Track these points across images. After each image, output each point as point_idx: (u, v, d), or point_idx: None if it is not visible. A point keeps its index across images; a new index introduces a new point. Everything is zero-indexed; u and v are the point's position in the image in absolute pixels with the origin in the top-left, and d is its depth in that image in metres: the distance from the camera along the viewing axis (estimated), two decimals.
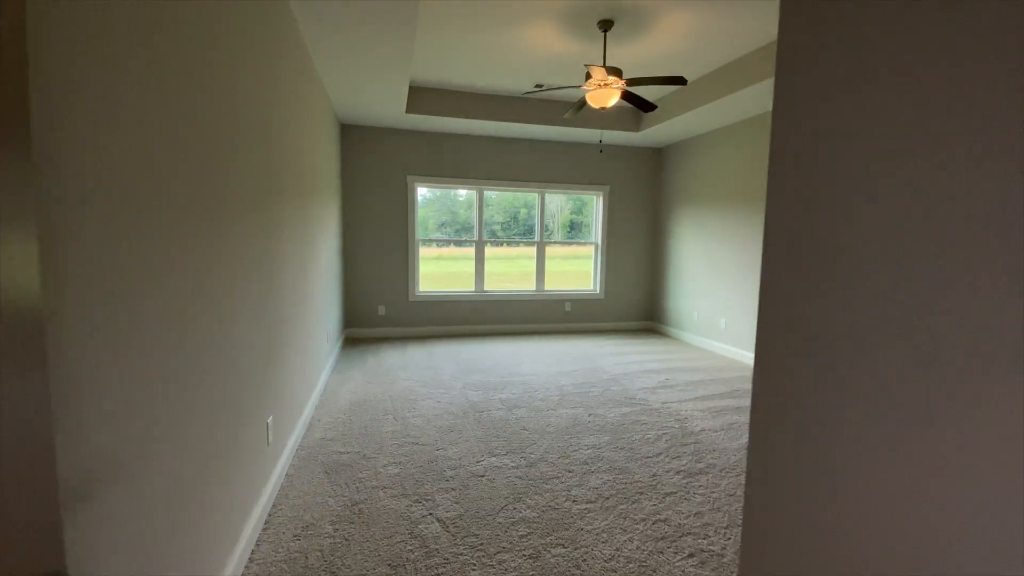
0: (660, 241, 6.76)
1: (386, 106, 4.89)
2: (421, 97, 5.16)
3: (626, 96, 3.79)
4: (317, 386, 3.78)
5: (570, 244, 6.86)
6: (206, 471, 1.57)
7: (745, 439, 3.14)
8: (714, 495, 2.46)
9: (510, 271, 6.72)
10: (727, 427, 3.35)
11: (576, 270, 6.92)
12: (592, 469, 2.70)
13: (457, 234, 6.41)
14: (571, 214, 6.84)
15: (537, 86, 4.78)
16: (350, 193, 5.81)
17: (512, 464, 2.74)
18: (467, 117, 5.29)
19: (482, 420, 3.38)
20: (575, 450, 2.94)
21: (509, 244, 6.61)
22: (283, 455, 2.59)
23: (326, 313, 4.36)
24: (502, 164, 6.25)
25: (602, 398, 3.89)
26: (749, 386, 4.35)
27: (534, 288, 6.63)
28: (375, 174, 5.87)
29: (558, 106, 5.52)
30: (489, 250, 6.47)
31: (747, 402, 3.87)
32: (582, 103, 3.92)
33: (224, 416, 1.73)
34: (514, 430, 3.22)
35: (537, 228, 6.58)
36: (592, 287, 6.87)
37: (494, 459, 2.80)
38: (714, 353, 5.54)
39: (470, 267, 6.42)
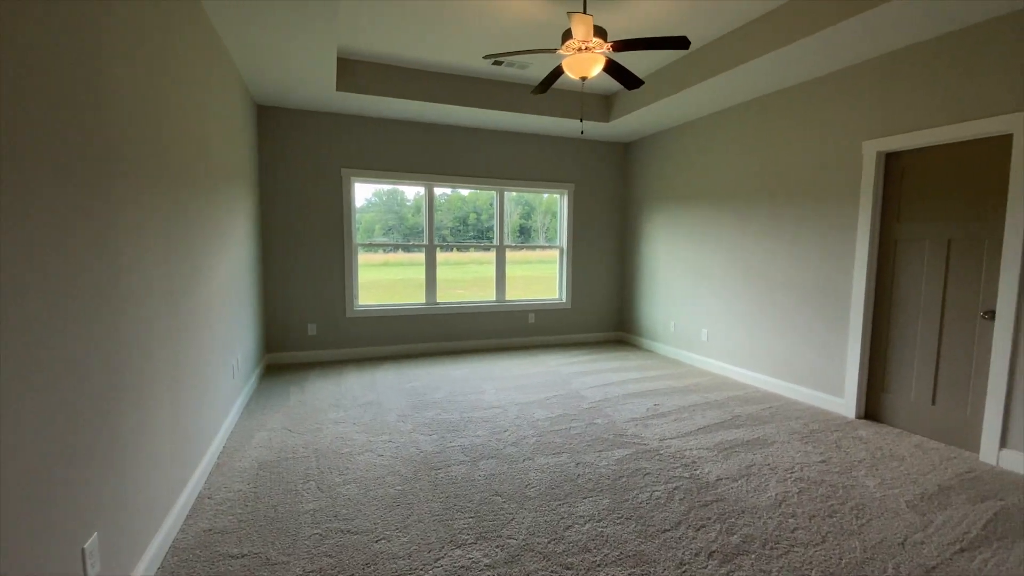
0: (631, 244, 6.17)
1: (312, 81, 3.96)
2: (356, 72, 4.26)
3: (610, 68, 3.10)
4: (215, 440, 2.82)
5: (533, 248, 6.13)
6: None
7: (773, 491, 2.49)
8: None
9: (464, 277, 5.90)
10: (746, 472, 2.69)
11: (539, 275, 6.19)
12: (597, 561, 1.94)
13: (405, 239, 5.51)
14: (520, 219, 6.06)
15: (495, 62, 4.02)
16: (271, 189, 4.80)
17: (486, 560, 1.93)
18: (413, 99, 4.44)
19: (439, 483, 2.55)
20: (568, 526, 2.17)
21: (460, 249, 5.79)
22: None
23: (233, 340, 3.38)
24: (455, 157, 5.43)
25: (587, 437, 3.16)
26: (748, 410, 3.78)
27: (494, 298, 5.85)
28: (302, 167, 4.89)
29: (521, 91, 4.79)
30: (441, 255, 5.62)
31: (754, 433, 3.26)
32: (555, 74, 3.18)
33: None
34: (483, 496, 2.41)
35: (496, 230, 5.81)
36: (558, 295, 6.17)
37: (459, 552, 1.98)
38: (698, 368, 4.96)
39: (419, 274, 5.54)
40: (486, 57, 2.87)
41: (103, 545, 1.51)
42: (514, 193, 5.90)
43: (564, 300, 6.10)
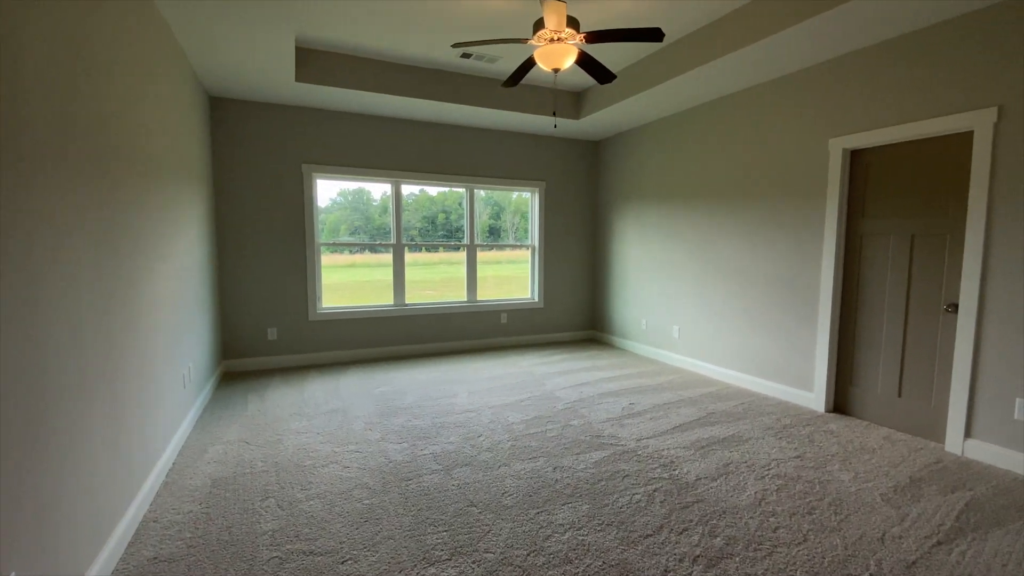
0: (603, 242, 6.14)
1: (269, 71, 3.73)
2: (317, 63, 4.05)
3: (582, 61, 3.02)
4: (163, 457, 2.59)
5: (503, 248, 6.02)
6: None
7: (752, 490, 2.46)
8: None
9: (434, 278, 5.74)
10: (724, 471, 2.66)
11: (512, 275, 6.09)
12: (580, 572, 1.84)
13: (372, 240, 5.30)
14: (489, 219, 5.94)
15: (464, 53, 3.89)
16: (227, 186, 4.52)
17: None
18: (377, 91, 4.26)
19: (411, 494, 2.41)
20: (548, 536, 2.07)
21: (429, 249, 5.63)
22: None
23: (184, 347, 3.14)
24: (423, 154, 5.26)
25: (564, 439, 3.07)
26: (722, 406, 3.77)
27: (465, 298, 5.71)
28: (260, 162, 4.63)
29: (490, 85, 4.67)
30: (411, 256, 5.44)
31: (729, 430, 3.25)
32: (526, 66, 3.08)
33: None
34: (458, 508, 2.28)
35: (467, 229, 5.67)
36: (530, 295, 6.08)
37: (432, 570, 1.85)
38: (670, 366, 4.96)
39: (387, 276, 5.34)
40: (455, 46, 2.74)
41: None
42: (483, 193, 5.77)
43: (536, 300, 6.01)
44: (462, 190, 5.60)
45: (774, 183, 3.93)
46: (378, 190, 5.28)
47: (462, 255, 5.70)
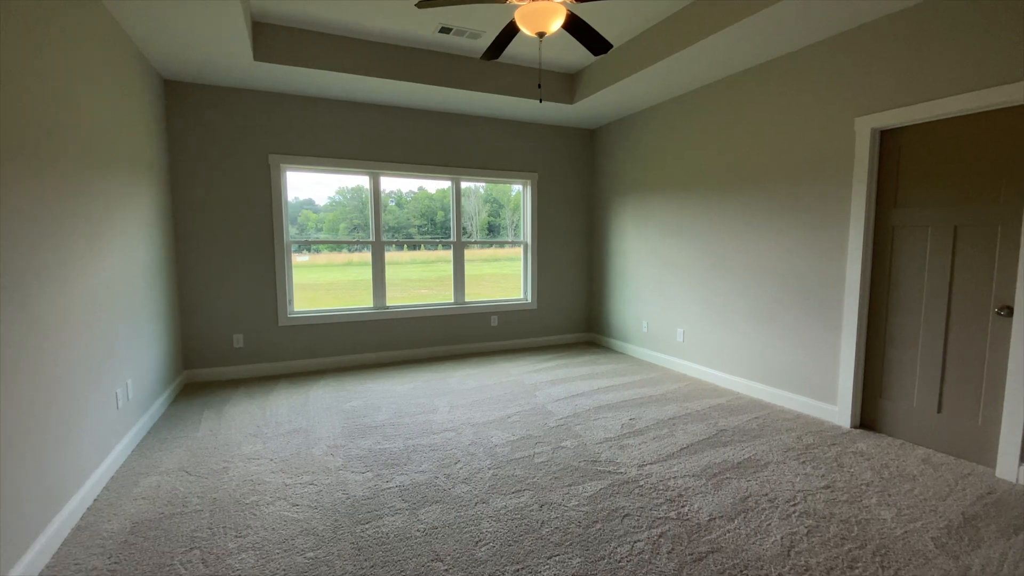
0: (600, 238, 5.71)
1: (220, 46, 3.30)
2: (278, 39, 3.62)
3: (572, 25, 2.59)
4: (77, 494, 2.17)
5: (493, 245, 5.60)
6: None
7: (778, 533, 2.05)
8: None
9: (430, 276, 5.32)
10: (742, 507, 2.25)
11: (506, 273, 5.67)
12: None
13: (368, 238, 4.90)
14: (488, 216, 5.57)
15: (443, 28, 3.47)
16: (185, 178, 4.09)
17: None
18: (346, 71, 3.83)
19: (365, 544, 1.99)
20: None
21: (411, 247, 5.20)
22: None
23: (119, 361, 2.72)
24: (404, 143, 4.84)
25: (554, 466, 2.66)
26: (734, 421, 3.36)
27: (452, 300, 5.29)
28: (223, 152, 4.20)
29: (473, 65, 4.23)
30: (408, 254, 5.03)
31: (743, 452, 2.83)
32: (508, 32, 2.65)
33: None
34: (420, 563, 1.87)
35: (453, 226, 5.24)
36: (522, 295, 5.66)
37: None
38: (673, 372, 4.54)
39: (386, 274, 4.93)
40: (420, 6, 2.31)
41: None
42: (483, 190, 5.39)
43: (529, 300, 5.59)
44: (448, 184, 5.17)
45: (791, 170, 3.50)
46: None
47: (449, 253, 5.28)
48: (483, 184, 5.42)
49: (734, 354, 4.02)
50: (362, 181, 4.82)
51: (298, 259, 4.67)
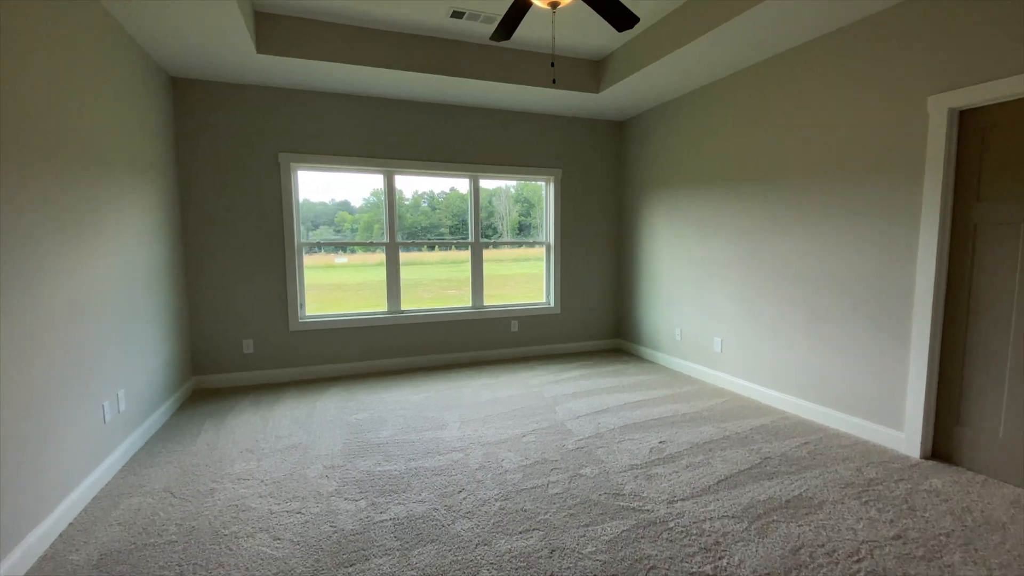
0: (629, 238, 5.33)
1: (217, 36, 3.13)
2: (283, 30, 3.43)
3: None
4: (48, 519, 2.00)
5: (523, 245, 5.29)
6: None
7: None
8: None
9: (459, 276, 5.10)
10: (794, 562, 1.87)
11: (531, 273, 5.37)
12: None
13: (404, 239, 4.77)
14: (519, 216, 5.31)
15: (454, 12, 3.20)
16: (194, 179, 3.97)
17: None
18: (355, 63, 3.61)
19: None
20: None
21: (442, 247, 4.96)
22: None
23: (111, 372, 2.57)
24: (419, 139, 4.60)
25: (570, 499, 2.34)
26: (780, 447, 2.94)
27: (470, 304, 5.02)
28: (232, 151, 4.06)
29: (491, 52, 3.95)
30: (439, 254, 4.83)
31: (793, 486, 2.44)
32: (519, 7, 2.34)
33: None
34: None
35: (471, 226, 4.98)
36: (544, 299, 5.34)
37: None
38: (710, 386, 4.13)
39: (417, 274, 4.79)
40: None
41: None
42: (513, 190, 5.14)
43: (552, 304, 5.27)
44: (466, 181, 4.91)
45: (847, 159, 3.06)
46: (409, 187, 4.77)
47: (492, 253, 5.09)
48: (514, 183, 5.15)
49: (780, 367, 3.59)
50: (377, 181, 4.61)
51: (337, 260, 4.59)
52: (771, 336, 3.64)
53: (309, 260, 4.49)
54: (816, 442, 2.96)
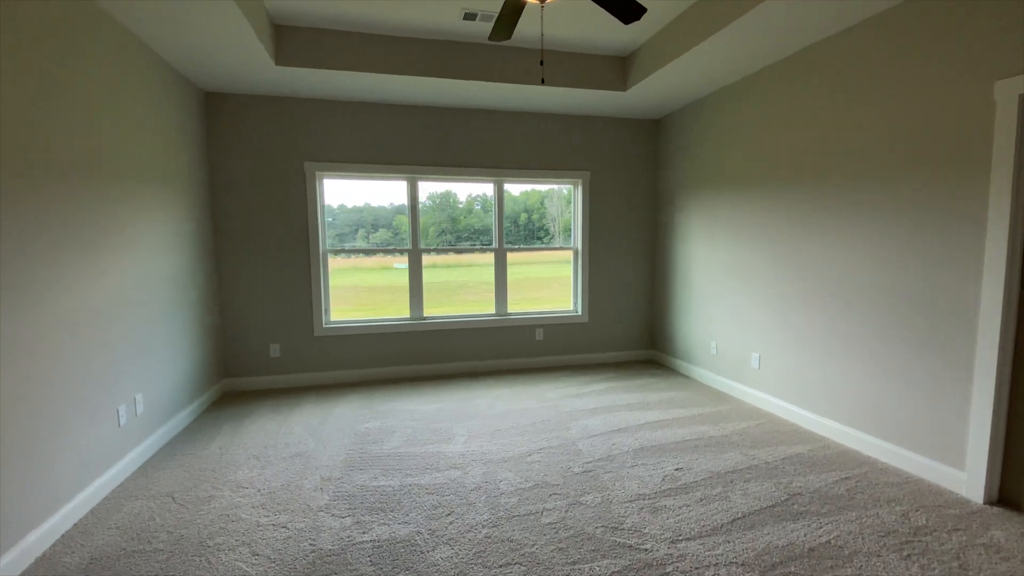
0: (664, 243, 5.04)
1: (234, 51, 3.20)
2: (300, 41, 3.48)
3: None
4: (49, 521, 2.08)
5: (537, 250, 5.14)
6: None
7: None
8: None
9: (529, 277, 5.09)
10: None
11: (547, 276, 5.20)
12: None
13: (457, 242, 4.85)
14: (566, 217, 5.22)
15: (467, 15, 3.11)
16: (225, 189, 4.12)
17: None
18: (373, 71, 3.60)
19: None
20: None
21: (455, 253, 4.91)
22: None
23: (130, 376, 2.68)
24: (442, 145, 4.55)
25: (563, 530, 2.17)
26: (814, 481, 2.58)
27: (493, 311, 4.92)
28: (259, 162, 4.18)
29: (510, 54, 3.83)
30: (481, 256, 4.83)
31: (822, 531, 2.14)
32: (512, 5, 2.21)
33: None
34: None
35: (495, 231, 4.88)
36: (572, 307, 5.15)
37: None
38: (746, 405, 3.80)
39: (476, 276, 4.83)
40: None
41: None
42: (565, 191, 5.08)
43: (580, 313, 5.07)
44: (491, 185, 4.82)
45: (900, 156, 2.69)
46: (463, 191, 4.85)
47: (543, 255, 5.07)
48: (567, 186, 5.04)
49: (824, 388, 3.23)
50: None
51: (396, 264, 4.70)
52: (813, 353, 3.28)
53: (362, 263, 4.64)
54: (859, 477, 2.62)
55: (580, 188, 4.96)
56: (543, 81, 2.76)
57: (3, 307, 1.89)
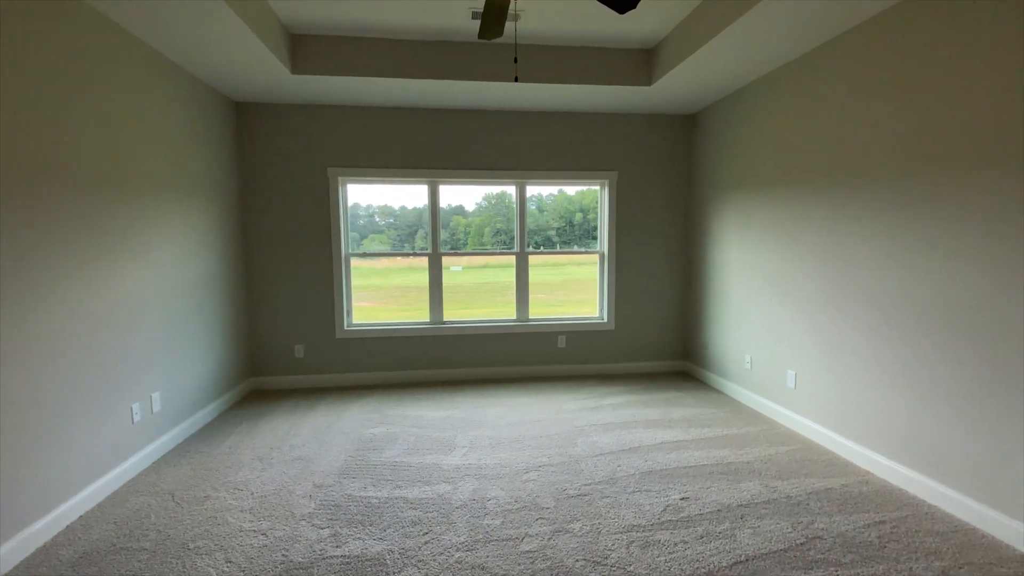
0: (697, 247, 4.72)
1: (251, 65, 3.29)
2: (315, 49, 3.52)
3: None
4: (51, 513, 2.20)
5: (561, 254, 4.96)
6: None
7: None
8: None
9: (552, 280, 5.01)
10: None
11: (573, 279, 5.02)
12: None
13: (506, 245, 4.81)
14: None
15: (475, 14, 3.03)
16: (253, 195, 4.28)
17: None
18: (389, 75, 3.60)
19: None
20: None
21: (480, 254, 4.83)
22: None
23: (147, 376, 2.81)
24: (462, 148, 4.50)
25: (540, 560, 2.02)
26: (841, 523, 2.23)
27: (514, 316, 4.81)
28: (284, 168, 4.31)
29: (527, 52, 3.70)
30: (537, 257, 4.80)
31: None
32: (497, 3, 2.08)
33: None
34: None
35: (517, 235, 4.76)
36: (597, 313, 4.94)
37: None
38: (780, 428, 3.45)
39: (506, 278, 4.79)
40: None
41: None
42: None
43: (605, 320, 4.84)
44: (513, 187, 4.70)
45: (958, 153, 2.31)
46: (511, 191, 4.79)
47: (582, 258, 4.97)
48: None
49: (865, 415, 2.86)
50: (422, 192, 4.59)
51: (453, 267, 4.74)
52: (854, 375, 2.92)
53: (417, 263, 4.70)
54: (896, 522, 2.28)
55: (607, 189, 4.74)
56: (516, 79, 2.58)
57: (15, 313, 2.01)
